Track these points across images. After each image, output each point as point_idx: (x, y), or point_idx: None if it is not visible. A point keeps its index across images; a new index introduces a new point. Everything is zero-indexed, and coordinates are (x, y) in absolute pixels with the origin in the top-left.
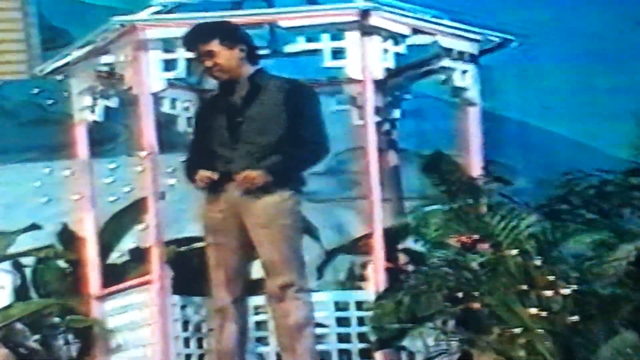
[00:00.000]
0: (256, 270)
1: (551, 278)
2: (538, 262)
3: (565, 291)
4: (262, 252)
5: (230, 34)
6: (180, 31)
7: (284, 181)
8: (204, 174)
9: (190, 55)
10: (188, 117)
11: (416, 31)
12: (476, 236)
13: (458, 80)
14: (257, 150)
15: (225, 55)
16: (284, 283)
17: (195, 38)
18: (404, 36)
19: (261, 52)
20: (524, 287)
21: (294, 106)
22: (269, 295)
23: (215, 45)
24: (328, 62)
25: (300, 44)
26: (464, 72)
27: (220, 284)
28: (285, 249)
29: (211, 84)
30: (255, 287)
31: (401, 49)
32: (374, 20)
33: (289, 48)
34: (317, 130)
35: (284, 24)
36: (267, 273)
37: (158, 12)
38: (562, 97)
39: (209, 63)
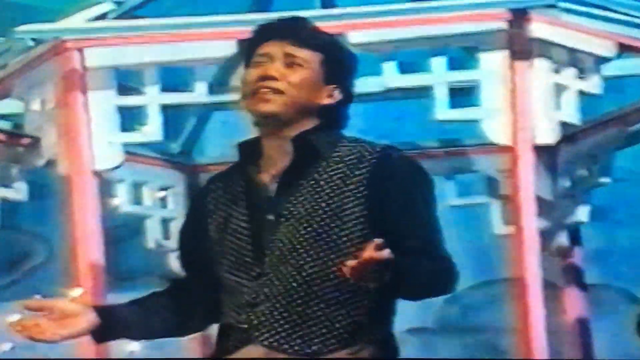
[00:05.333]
0: None
1: None
2: None
3: None
4: None
5: (340, 69)
6: (151, 51)
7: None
8: None
9: (170, 99)
10: (164, 218)
11: (625, 48)
12: None
13: None
14: (300, 280)
15: (304, 76)
16: None
17: (289, 29)
18: (601, 59)
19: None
20: None
21: (384, 196)
22: None
23: (306, 54)
24: (442, 112)
25: (389, 77)
26: None
27: None
28: None
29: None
30: None
31: (593, 84)
32: (539, 29)
33: (365, 84)
34: (432, 239)
35: (355, 37)
36: None
37: (103, 17)
38: None
39: (271, 71)
